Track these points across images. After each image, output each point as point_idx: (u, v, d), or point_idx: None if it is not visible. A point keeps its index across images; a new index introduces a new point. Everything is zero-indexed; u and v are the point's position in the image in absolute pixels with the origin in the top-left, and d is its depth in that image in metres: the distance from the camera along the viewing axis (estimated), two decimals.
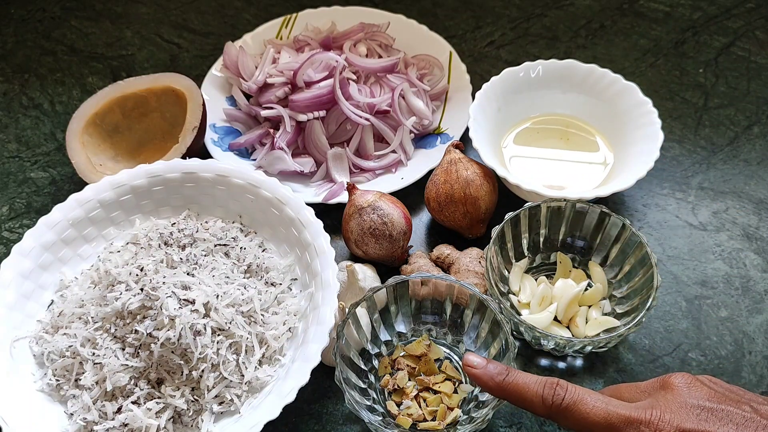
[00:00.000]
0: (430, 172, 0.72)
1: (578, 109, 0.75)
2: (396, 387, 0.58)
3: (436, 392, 0.58)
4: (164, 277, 0.58)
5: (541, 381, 0.47)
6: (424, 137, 0.78)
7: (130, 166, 0.74)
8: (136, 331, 0.56)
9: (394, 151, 0.75)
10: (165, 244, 0.64)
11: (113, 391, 0.56)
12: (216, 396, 0.56)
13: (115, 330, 0.57)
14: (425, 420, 0.56)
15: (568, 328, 0.62)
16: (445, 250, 0.67)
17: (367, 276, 0.63)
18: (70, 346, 0.58)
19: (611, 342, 0.57)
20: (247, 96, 0.81)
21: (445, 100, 0.81)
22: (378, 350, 0.60)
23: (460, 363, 0.60)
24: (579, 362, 0.61)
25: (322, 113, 0.75)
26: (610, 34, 0.90)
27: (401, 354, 0.60)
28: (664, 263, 0.68)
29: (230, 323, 0.57)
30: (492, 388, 0.49)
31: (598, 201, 0.68)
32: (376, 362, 0.60)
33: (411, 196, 0.72)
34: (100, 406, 0.55)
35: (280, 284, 0.63)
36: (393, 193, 0.70)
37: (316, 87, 0.75)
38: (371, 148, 0.75)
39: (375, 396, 0.58)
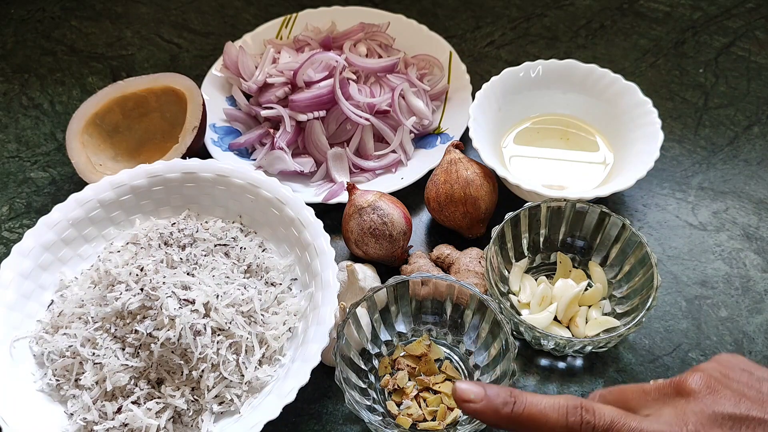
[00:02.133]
0: (430, 172, 0.72)
1: (578, 109, 0.75)
2: (396, 387, 0.58)
3: (436, 392, 0.58)
4: (164, 277, 0.58)
5: (561, 406, 0.40)
6: (424, 137, 0.78)
7: (130, 166, 0.73)
8: (136, 331, 0.56)
9: (394, 151, 0.75)
10: (165, 244, 0.64)
11: (113, 391, 0.56)
12: (216, 396, 0.56)
13: (115, 330, 0.57)
14: (425, 420, 0.56)
15: (568, 328, 0.62)
16: (445, 250, 0.67)
17: (367, 276, 0.63)
18: (70, 346, 0.58)
19: (611, 342, 0.57)
20: (247, 96, 0.81)
21: (445, 100, 0.80)
22: (378, 350, 0.60)
23: (461, 363, 0.60)
24: (579, 362, 0.61)
25: (322, 113, 0.75)
26: (610, 34, 0.90)
27: (401, 354, 0.60)
28: (664, 263, 0.68)
29: (230, 323, 0.57)
30: (499, 422, 0.41)
31: (598, 201, 0.68)
32: (376, 362, 0.60)
33: (411, 196, 0.72)
34: (100, 406, 0.55)
35: (280, 284, 0.63)
36: (393, 193, 0.70)
37: (316, 87, 0.75)
38: (371, 148, 0.75)
39: (375, 396, 0.58)
